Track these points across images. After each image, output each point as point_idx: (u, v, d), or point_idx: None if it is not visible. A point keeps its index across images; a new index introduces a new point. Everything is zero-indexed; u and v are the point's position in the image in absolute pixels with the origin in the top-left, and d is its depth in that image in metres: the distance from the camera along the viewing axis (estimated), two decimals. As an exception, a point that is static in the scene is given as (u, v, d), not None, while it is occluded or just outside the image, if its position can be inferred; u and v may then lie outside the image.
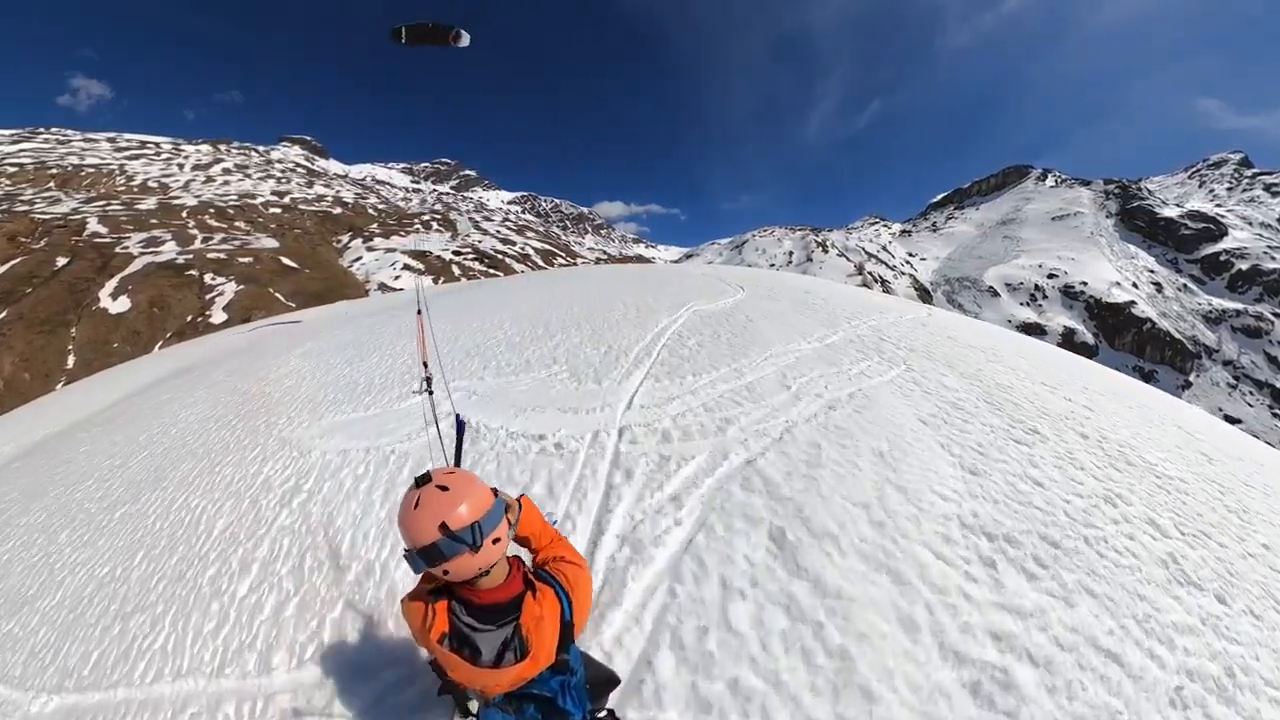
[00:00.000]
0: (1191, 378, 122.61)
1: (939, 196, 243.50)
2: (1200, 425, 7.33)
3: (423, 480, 1.54)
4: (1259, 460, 6.32)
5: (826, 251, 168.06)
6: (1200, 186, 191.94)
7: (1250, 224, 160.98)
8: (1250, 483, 5.20)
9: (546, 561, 1.82)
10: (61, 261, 55.09)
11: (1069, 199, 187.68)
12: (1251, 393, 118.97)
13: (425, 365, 3.83)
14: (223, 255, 60.46)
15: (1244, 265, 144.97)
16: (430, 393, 3.75)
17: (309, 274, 60.79)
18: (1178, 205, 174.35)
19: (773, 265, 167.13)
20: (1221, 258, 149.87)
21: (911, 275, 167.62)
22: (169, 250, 62.79)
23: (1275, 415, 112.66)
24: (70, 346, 42.69)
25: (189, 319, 46.91)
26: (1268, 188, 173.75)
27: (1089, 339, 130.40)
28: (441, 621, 1.59)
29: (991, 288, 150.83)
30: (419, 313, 4.34)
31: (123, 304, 47.67)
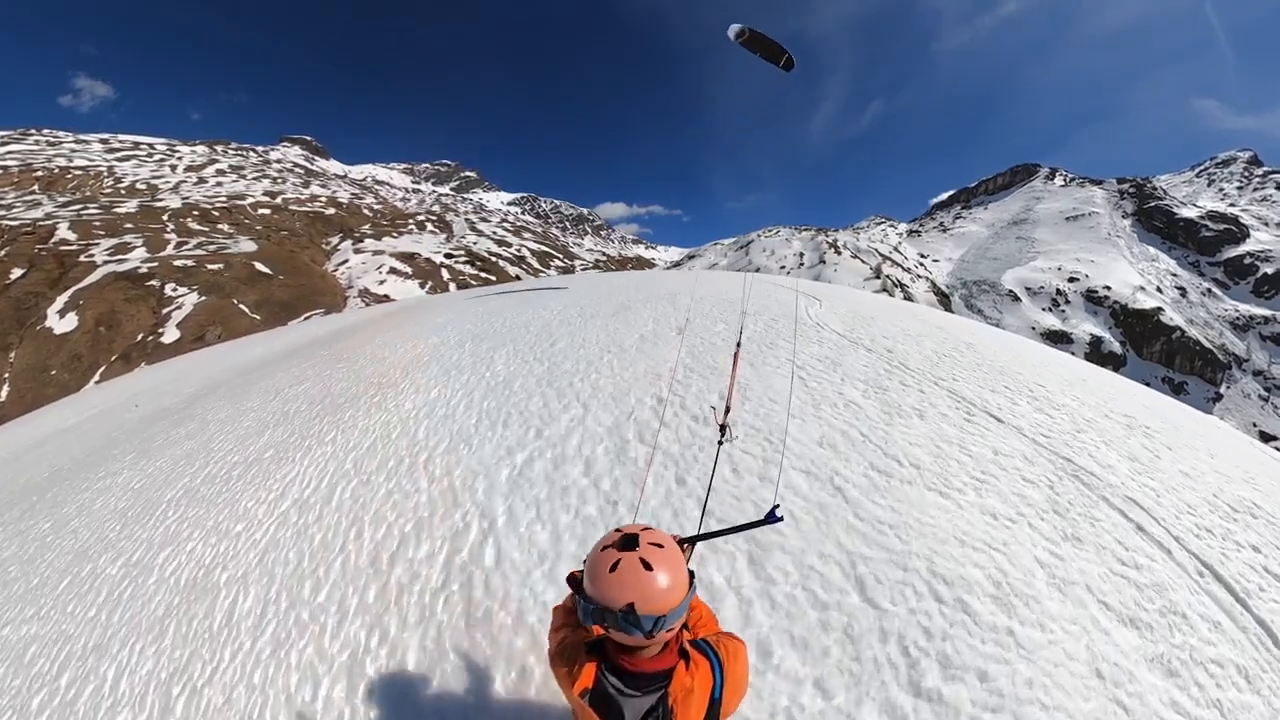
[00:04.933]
0: (1222, 389, 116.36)
1: (944, 195, 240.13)
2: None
3: (629, 544, 1.45)
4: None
5: (839, 253, 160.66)
6: (1209, 186, 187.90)
7: (1268, 225, 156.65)
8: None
9: (703, 634, 1.74)
10: (17, 273, 49.87)
11: (1081, 198, 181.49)
12: None
13: (727, 409, 3.14)
14: (190, 262, 55.07)
15: (1269, 269, 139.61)
16: (722, 441, 3.05)
17: (282, 281, 55.30)
18: (1196, 205, 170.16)
19: (783, 268, 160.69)
20: (1245, 261, 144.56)
21: (929, 279, 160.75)
22: (135, 257, 57.53)
23: None
24: (6, 375, 37.45)
25: (139, 338, 41.53)
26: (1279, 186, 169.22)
27: (1117, 348, 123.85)
28: (587, 678, 1.53)
29: (1011, 292, 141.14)
30: (738, 345, 3.59)
31: (70, 322, 42.26)
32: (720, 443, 3.06)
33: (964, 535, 4.00)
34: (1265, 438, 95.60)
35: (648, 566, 1.40)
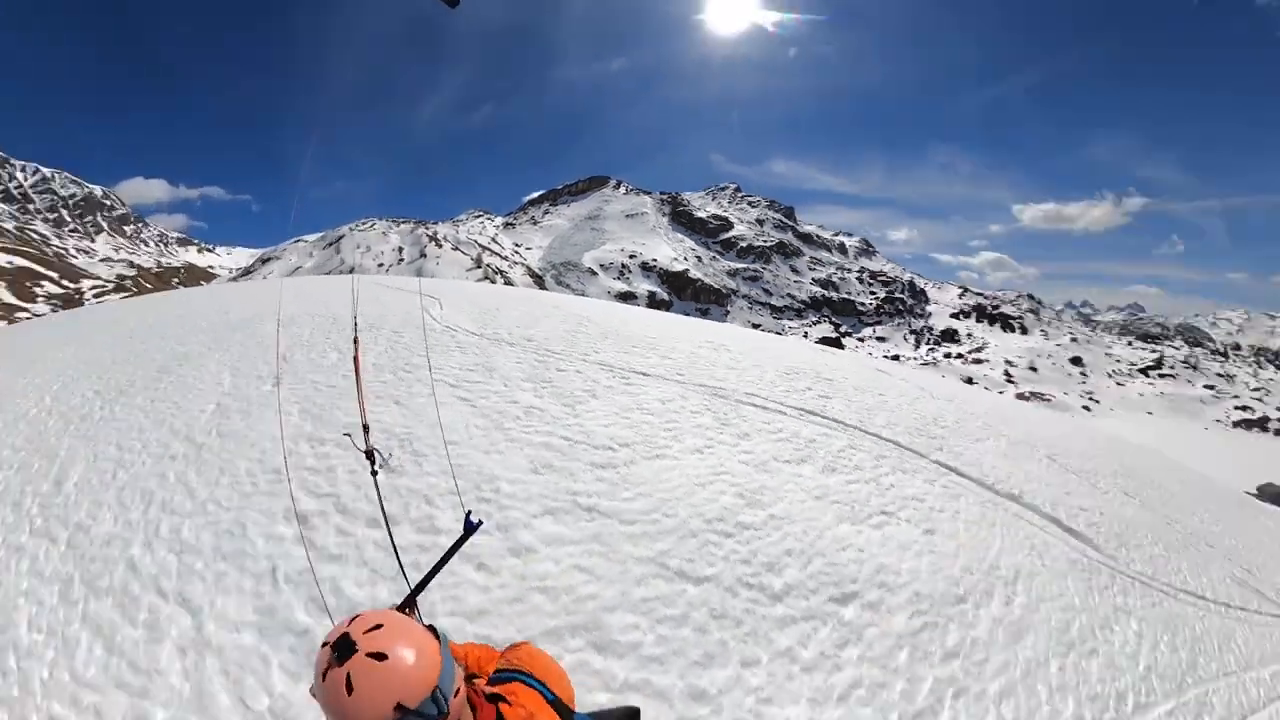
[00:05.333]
0: (729, 309, 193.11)
1: (535, 194, 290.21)
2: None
3: (344, 650, 1.13)
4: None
5: (440, 246, 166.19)
6: (713, 200, 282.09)
7: (742, 221, 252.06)
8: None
9: (492, 668, 1.67)
10: None
11: (636, 203, 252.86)
12: (761, 309, 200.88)
13: (366, 429, 2.49)
14: None
15: (743, 244, 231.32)
16: (375, 471, 2.41)
17: None
18: (706, 210, 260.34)
19: (381, 265, 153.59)
20: (732, 240, 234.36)
21: (524, 264, 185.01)
22: None
23: (774, 318, 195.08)
24: None
25: None
26: (749, 203, 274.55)
27: (665, 297, 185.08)
28: None
29: (590, 268, 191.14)
30: (355, 340, 3.06)
31: None
32: (374, 474, 2.40)
33: (697, 478, 4.85)
34: (755, 326, 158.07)
35: (381, 657, 1.13)
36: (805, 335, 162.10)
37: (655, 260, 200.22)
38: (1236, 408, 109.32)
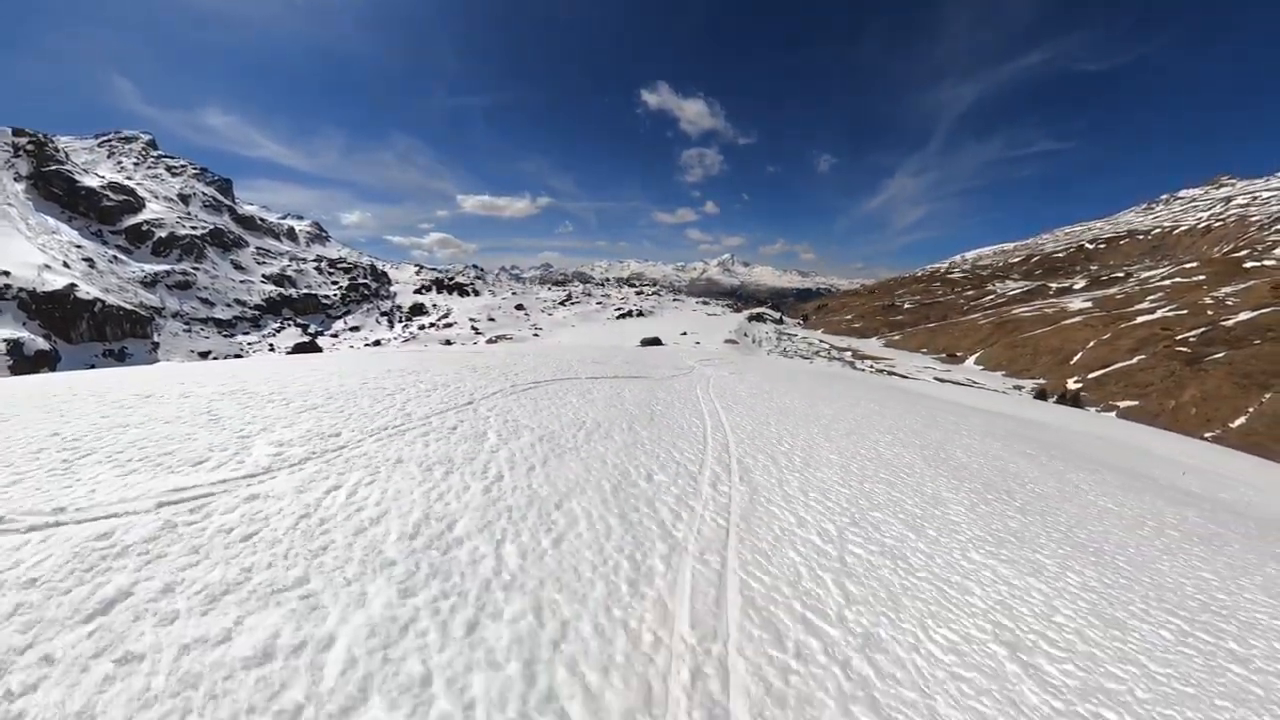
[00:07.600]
0: (156, 339, 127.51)
1: None
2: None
3: None
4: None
5: None
6: (110, 157, 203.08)
7: (158, 198, 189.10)
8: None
9: None
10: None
11: None
12: (202, 328, 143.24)
13: None
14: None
15: (163, 233, 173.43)
16: None
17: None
18: (97, 174, 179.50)
19: None
20: (143, 228, 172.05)
21: None
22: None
23: (224, 336, 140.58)
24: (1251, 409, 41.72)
25: None
26: (169, 169, 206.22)
27: (44, 345, 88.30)
28: None
29: None
30: None
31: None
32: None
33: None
34: (204, 355, 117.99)
35: None
36: (272, 348, 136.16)
37: (6, 273, 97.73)
38: (615, 310, 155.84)
